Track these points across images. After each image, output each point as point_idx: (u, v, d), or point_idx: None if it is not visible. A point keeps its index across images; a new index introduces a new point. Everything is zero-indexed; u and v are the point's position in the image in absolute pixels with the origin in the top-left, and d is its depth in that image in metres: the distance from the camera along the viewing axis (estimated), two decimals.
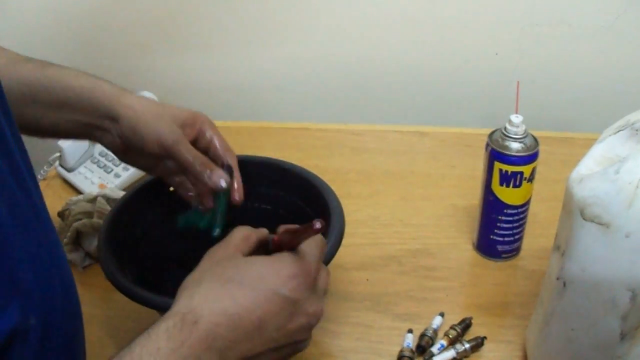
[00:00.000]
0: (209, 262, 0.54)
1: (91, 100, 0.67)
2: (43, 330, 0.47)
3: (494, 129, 0.78)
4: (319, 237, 0.56)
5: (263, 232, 0.58)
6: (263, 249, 0.57)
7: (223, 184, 0.67)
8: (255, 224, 0.59)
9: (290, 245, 0.55)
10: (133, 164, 0.73)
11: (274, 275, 0.52)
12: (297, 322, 0.53)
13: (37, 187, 0.54)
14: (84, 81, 0.68)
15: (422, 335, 0.72)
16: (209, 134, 0.70)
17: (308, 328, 0.54)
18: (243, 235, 0.57)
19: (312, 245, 0.55)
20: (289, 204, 0.75)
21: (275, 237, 0.57)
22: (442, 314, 0.75)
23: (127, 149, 0.68)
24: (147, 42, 1.14)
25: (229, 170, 0.68)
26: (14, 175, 0.49)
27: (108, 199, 0.84)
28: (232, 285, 0.51)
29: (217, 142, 0.70)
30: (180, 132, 0.67)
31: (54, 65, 0.69)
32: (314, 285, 0.54)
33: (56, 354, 0.50)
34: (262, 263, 0.54)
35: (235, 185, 0.69)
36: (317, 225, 0.51)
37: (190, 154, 0.66)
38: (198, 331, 0.48)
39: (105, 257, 0.65)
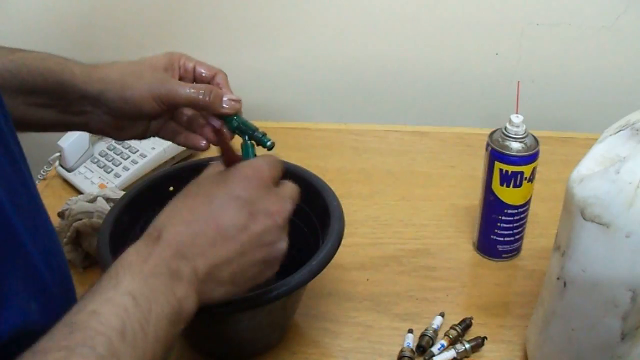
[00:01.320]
0: (179, 192, 0.56)
1: (61, 84, 0.64)
2: (44, 323, 0.48)
3: (494, 129, 0.78)
4: (270, 155, 0.58)
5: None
6: None
7: (237, 105, 0.65)
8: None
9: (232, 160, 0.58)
10: (132, 136, 0.68)
11: (225, 180, 0.54)
12: (261, 222, 0.53)
13: (32, 178, 0.55)
14: (50, 62, 0.65)
15: (423, 335, 0.72)
16: (189, 66, 0.67)
17: (275, 228, 0.54)
18: (213, 167, 0.58)
19: (264, 157, 0.57)
20: None
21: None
22: (442, 314, 0.75)
23: (120, 123, 0.66)
24: (147, 42, 1.14)
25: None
26: (12, 166, 0.50)
27: (108, 199, 0.84)
28: (191, 198, 0.54)
29: (201, 69, 0.68)
30: (167, 76, 0.65)
31: (19, 50, 0.66)
32: (269, 185, 0.55)
33: None
34: (213, 173, 0.56)
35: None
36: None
37: (189, 89, 0.63)
38: (162, 242, 0.49)
39: (105, 257, 0.65)
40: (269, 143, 0.63)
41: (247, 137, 0.63)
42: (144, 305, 0.45)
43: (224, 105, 0.64)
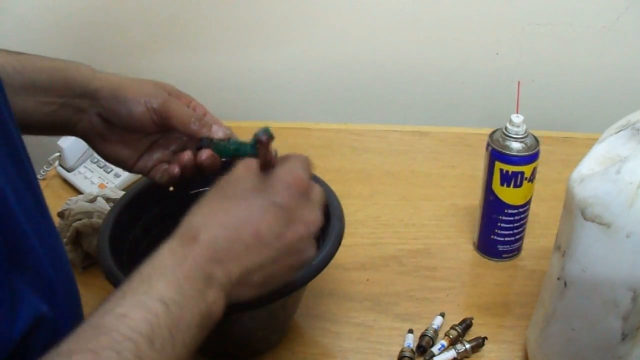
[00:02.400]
0: (214, 186, 0.55)
1: (66, 80, 0.63)
2: (53, 321, 0.48)
3: (494, 128, 0.78)
4: (302, 155, 0.57)
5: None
6: None
7: (220, 134, 0.63)
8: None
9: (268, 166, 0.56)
10: (112, 154, 0.67)
11: (267, 186, 0.53)
12: (295, 231, 0.53)
13: (37, 180, 0.55)
14: (56, 62, 0.65)
15: (423, 336, 0.72)
16: (200, 110, 0.67)
17: (307, 237, 0.54)
18: (245, 164, 0.56)
19: (299, 159, 0.56)
20: None
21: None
22: (442, 314, 0.75)
23: (107, 129, 0.64)
24: (147, 42, 1.14)
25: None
26: (17, 167, 0.50)
27: (108, 199, 0.84)
28: (228, 200, 0.53)
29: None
30: (167, 94, 0.64)
31: (25, 53, 0.66)
32: (307, 194, 0.55)
33: None
34: (256, 177, 0.55)
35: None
36: (263, 137, 0.53)
37: (185, 110, 0.63)
38: (199, 245, 0.49)
39: (105, 257, 0.65)
40: (264, 137, 0.61)
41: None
42: (175, 312, 0.45)
43: (212, 130, 0.63)
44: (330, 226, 0.67)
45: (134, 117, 0.63)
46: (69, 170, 0.99)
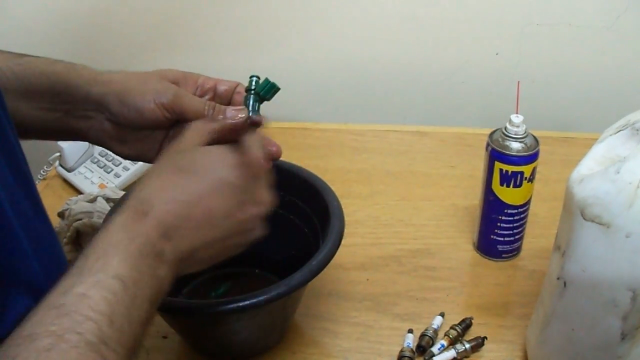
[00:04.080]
0: (164, 156, 0.55)
1: (67, 86, 0.61)
2: None
3: (494, 129, 0.78)
4: (259, 134, 0.57)
5: (212, 125, 0.57)
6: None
7: (236, 116, 0.59)
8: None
9: (227, 140, 0.56)
10: (132, 152, 0.64)
11: (221, 163, 0.53)
12: (246, 211, 0.53)
13: (34, 183, 0.54)
14: (58, 66, 0.63)
15: (423, 335, 0.72)
16: (209, 84, 0.64)
17: (258, 217, 0.55)
18: (193, 127, 0.56)
19: (254, 139, 0.56)
20: (289, 204, 0.75)
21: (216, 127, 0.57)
22: (442, 314, 0.75)
23: (121, 133, 0.62)
24: (147, 42, 1.14)
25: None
26: (14, 174, 0.49)
27: (108, 199, 0.84)
28: (181, 174, 0.52)
29: (222, 86, 0.64)
30: (172, 85, 0.61)
31: (27, 55, 0.65)
32: (260, 175, 0.55)
33: None
34: (210, 152, 0.54)
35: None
36: (257, 118, 0.53)
37: (196, 101, 0.60)
38: (150, 220, 0.49)
39: None
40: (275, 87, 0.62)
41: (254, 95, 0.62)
42: (131, 289, 0.45)
43: (227, 115, 0.60)
44: (330, 226, 0.67)
45: (145, 117, 0.60)
46: (69, 170, 0.99)
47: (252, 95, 0.62)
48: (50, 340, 0.40)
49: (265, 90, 0.62)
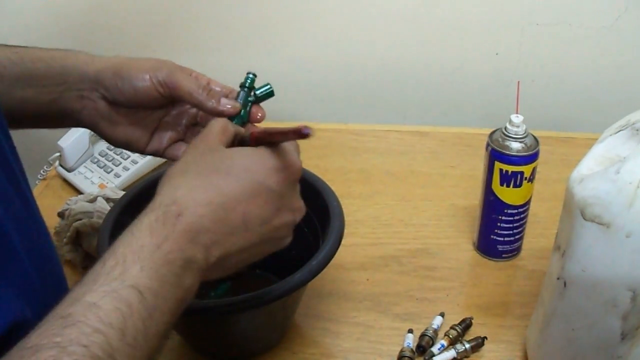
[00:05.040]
0: (192, 153, 0.52)
1: (63, 67, 0.61)
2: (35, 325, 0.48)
3: (494, 129, 0.78)
4: (295, 141, 0.55)
5: (238, 126, 0.57)
6: (239, 143, 0.56)
7: (228, 106, 0.60)
8: None
9: (268, 143, 0.54)
10: (121, 137, 0.63)
11: (260, 167, 0.50)
12: (282, 218, 0.51)
13: (27, 183, 0.54)
14: (54, 52, 0.63)
15: (423, 335, 0.72)
16: (203, 80, 0.62)
17: (292, 224, 0.53)
18: (221, 126, 0.54)
19: (293, 144, 0.54)
20: None
21: (253, 132, 0.56)
22: (442, 314, 0.75)
23: (113, 111, 0.61)
24: (147, 43, 1.14)
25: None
26: (5, 172, 0.49)
27: (108, 199, 0.84)
28: (217, 175, 0.49)
29: (215, 86, 0.63)
30: (171, 62, 0.61)
31: (24, 46, 0.65)
32: (297, 181, 0.53)
33: None
34: (248, 154, 0.51)
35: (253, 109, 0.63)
36: (306, 130, 0.49)
37: (191, 81, 0.60)
38: (182, 224, 0.45)
39: None
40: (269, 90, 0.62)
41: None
42: (150, 301, 0.42)
43: (221, 104, 0.60)
44: (330, 226, 0.67)
45: (139, 92, 0.60)
46: (69, 170, 0.99)
47: (244, 92, 0.62)
48: (53, 352, 0.38)
49: (264, 94, 0.62)
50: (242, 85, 0.64)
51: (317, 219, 0.71)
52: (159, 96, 0.60)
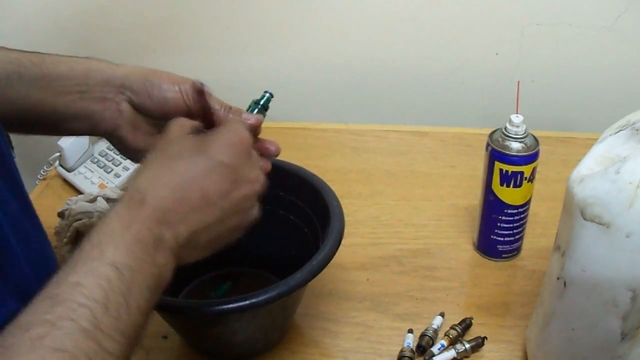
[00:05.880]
0: (154, 148, 0.55)
1: (87, 70, 0.62)
2: None
3: (494, 129, 0.78)
4: (239, 115, 0.60)
5: (194, 122, 0.59)
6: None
7: (251, 121, 0.62)
8: (255, 224, 0.59)
9: (206, 118, 0.58)
10: (141, 144, 0.63)
11: (210, 145, 0.53)
12: (241, 190, 0.54)
13: (22, 183, 0.54)
14: (76, 57, 0.64)
15: (423, 335, 0.72)
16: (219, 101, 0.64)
17: (252, 195, 0.55)
18: (179, 122, 0.57)
19: (237, 120, 0.58)
20: (289, 204, 0.75)
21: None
22: (442, 314, 0.75)
23: (137, 117, 0.62)
24: (147, 43, 1.14)
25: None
26: (2, 175, 0.49)
27: (108, 199, 0.84)
28: (172, 160, 0.53)
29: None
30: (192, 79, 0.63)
31: (45, 53, 0.64)
32: (250, 152, 0.56)
33: None
34: (197, 137, 0.55)
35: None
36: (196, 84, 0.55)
37: (212, 98, 0.62)
38: (145, 207, 0.49)
39: None
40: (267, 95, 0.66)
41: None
42: (127, 276, 0.45)
43: (242, 117, 0.63)
44: (330, 226, 0.67)
45: (169, 101, 0.62)
46: (69, 170, 0.99)
47: (257, 109, 0.66)
48: (44, 328, 0.41)
49: (266, 101, 0.67)
50: (257, 102, 0.66)
51: (317, 219, 0.71)
52: (185, 108, 0.62)
